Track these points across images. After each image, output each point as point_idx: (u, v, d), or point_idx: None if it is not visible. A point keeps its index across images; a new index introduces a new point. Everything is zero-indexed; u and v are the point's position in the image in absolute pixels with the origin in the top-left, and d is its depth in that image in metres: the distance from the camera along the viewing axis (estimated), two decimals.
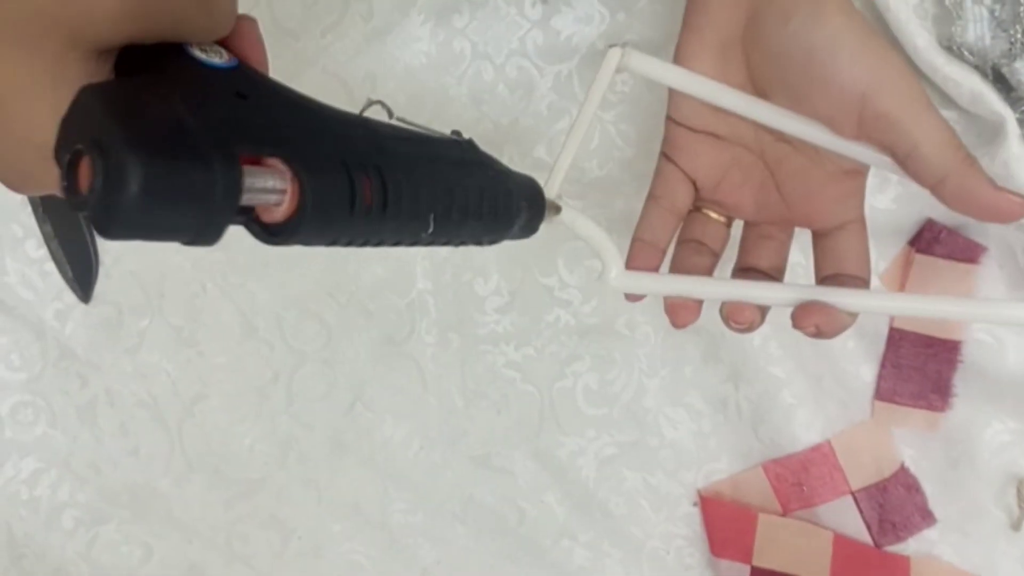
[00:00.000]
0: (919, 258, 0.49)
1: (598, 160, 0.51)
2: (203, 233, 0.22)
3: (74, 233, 0.54)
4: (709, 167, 0.40)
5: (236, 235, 0.57)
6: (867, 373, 0.51)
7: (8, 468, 0.55)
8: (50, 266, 0.54)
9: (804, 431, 0.51)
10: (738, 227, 0.41)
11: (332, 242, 0.26)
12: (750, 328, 0.37)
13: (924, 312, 0.35)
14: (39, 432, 0.55)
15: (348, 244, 0.26)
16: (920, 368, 0.50)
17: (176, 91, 0.23)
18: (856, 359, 0.51)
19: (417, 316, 0.53)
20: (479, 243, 0.33)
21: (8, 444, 0.55)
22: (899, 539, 0.51)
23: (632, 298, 0.40)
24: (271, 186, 0.23)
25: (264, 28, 0.53)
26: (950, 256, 0.48)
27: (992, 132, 0.45)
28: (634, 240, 0.40)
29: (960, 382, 0.50)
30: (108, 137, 0.20)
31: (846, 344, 0.51)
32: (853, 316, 0.36)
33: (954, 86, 0.45)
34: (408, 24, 0.51)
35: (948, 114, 0.48)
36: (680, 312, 0.38)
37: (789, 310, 0.36)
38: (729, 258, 0.41)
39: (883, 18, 0.46)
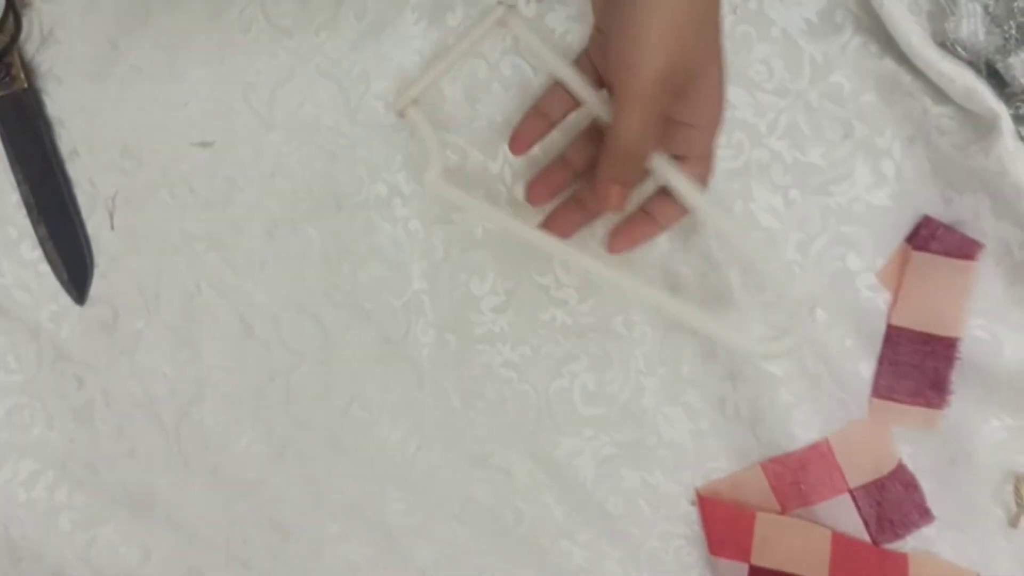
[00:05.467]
0: (916, 255, 0.49)
1: None
2: None
3: (69, 235, 0.53)
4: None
5: (232, 235, 0.57)
6: (865, 371, 0.51)
7: (5, 470, 0.55)
8: (45, 268, 0.54)
9: (802, 429, 0.51)
10: None
11: None
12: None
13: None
14: (36, 434, 0.55)
15: None
16: (918, 365, 0.50)
17: None
18: (854, 357, 0.51)
19: (413, 316, 0.53)
20: None
21: (5, 446, 0.55)
22: (897, 536, 0.50)
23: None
24: None
25: (258, 26, 0.53)
26: (947, 253, 0.48)
27: (986, 128, 0.45)
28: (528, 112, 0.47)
29: (957, 379, 0.50)
30: None
31: (844, 342, 0.51)
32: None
33: (948, 82, 0.45)
34: (402, 22, 0.51)
35: (943, 110, 0.47)
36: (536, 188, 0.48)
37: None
38: None
39: (877, 15, 0.46)
